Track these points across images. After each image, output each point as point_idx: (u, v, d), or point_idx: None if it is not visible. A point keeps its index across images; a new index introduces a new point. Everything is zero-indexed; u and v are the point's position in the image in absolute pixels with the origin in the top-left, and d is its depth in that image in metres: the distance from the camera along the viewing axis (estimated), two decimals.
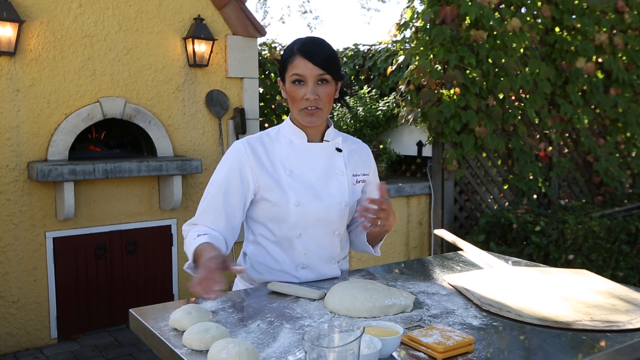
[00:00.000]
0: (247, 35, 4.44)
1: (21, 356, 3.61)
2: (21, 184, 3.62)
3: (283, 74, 1.71)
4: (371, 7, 19.35)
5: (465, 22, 4.67)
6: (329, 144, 1.78)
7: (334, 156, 1.79)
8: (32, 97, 3.64)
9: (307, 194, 1.72)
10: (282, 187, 1.71)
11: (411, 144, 5.29)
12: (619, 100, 5.64)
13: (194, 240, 1.67)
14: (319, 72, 1.65)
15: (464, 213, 5.02)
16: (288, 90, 1.69)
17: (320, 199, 1.73)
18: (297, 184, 1.72)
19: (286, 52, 1.70)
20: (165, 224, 4.16)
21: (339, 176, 1.78)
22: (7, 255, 3.61)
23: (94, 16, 3.82)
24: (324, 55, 1.66)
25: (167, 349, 1.29)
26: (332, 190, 1.76)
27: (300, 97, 1.67)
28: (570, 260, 4.27)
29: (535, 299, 1.57)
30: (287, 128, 1.78)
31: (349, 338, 1.04)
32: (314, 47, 1.67)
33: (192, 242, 1.67)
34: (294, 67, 1.66)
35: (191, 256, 1.64)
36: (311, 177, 1.75)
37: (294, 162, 1.75)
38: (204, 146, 4.32)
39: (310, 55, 1.65)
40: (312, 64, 1.64)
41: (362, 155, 1.88)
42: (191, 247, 1.66)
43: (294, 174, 1.73)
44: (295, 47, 1.67)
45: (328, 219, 1.75)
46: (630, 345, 1.30)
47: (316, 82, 1.66)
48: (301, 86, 1.66)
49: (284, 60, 1.69)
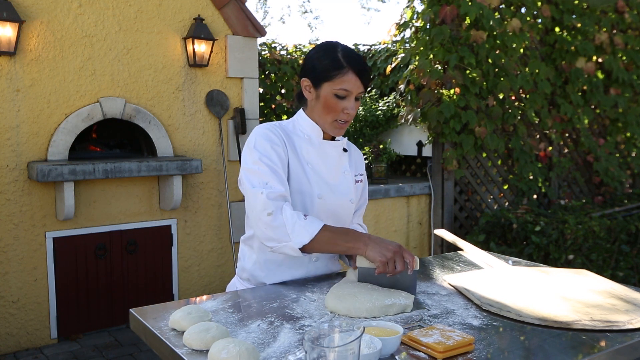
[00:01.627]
0: (247, 35, 4.44)
1: (21, 356, 3.61)
2: (21, 184, 3.62)
3: (323, 81, 1.69)
4: (371, 7, 19.36)
5: (465, 22, 4.67)
6: (339, 143, 1.83)
7: (342, 155, 1.84)
8: (32, 97, 3.64)
9: (326, 188, 1.76)
10: (307, 178, 1.74)
11: (411, 144, 5.29)
12: (619, 100, 5.64)
13: (308, 218, 1.60)
14: (363, 89, 1.70)
15: (464, 213, 5.02)
16: (326, 99, 1.69)
17: (334, 194, 1.78)
18: (318, 177, 1.76)
19: (331, 60, 1.67)
20: (165, 224, 4.16)
21: (346, 175, 1.83)
22: (7, 255, 3.61)
23: (94, 16, 3.82)
24: (369, 73, 1.73)
25: (168, 348, 1.29)
26: (342, 187, 1.81)
27: (339, 110, 1.70)
28: (570, 260, 4.27)
29: (535, 299, 1.57)
30: (302, 123, 1.79)
31: (349, 338, 1.04)
32: (363, 63, 1.70)
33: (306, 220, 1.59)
34: (344, 82, 1.66)
35: (313, 235, 1.58)
36: (326, 172, 1.79)
37: (313, 156, 1.77)
38: (204, 146, 4.32)
39: (362, 75, 1.68)
40: (361, 83, 1.68)
41: (358, 157, 1.95)
42: (313, 225, 1.58)
43: (314, 168, 1.77)
44: (346, 60, 1.67)
45: (340, 214, 1.80)
46: (630, 345, 1.30)
47: (355, 97, 1.71)
48: (343, 100, 1.69)
49: (330, 69, 1.67)
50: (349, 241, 1.60)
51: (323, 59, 1.70)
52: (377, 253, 1.55)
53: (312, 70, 1.72)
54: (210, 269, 4.38)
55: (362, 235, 1.61)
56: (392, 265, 1.54)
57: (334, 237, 1.60)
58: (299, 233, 1.58)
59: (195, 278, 4.33)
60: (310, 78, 1.72)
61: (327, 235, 1.60)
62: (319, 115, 1.74)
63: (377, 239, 1.60)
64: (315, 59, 1.72)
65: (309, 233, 1.58)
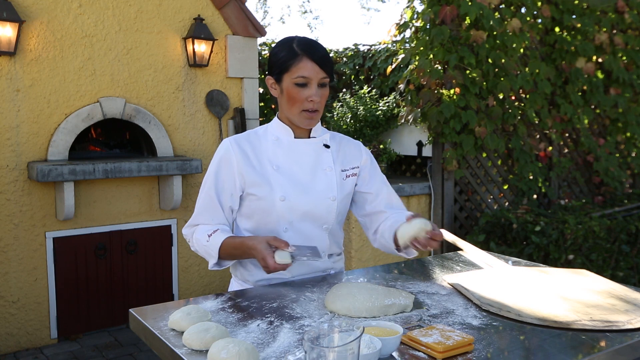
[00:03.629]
0: (247, 35, 4.44)
1: (21, 356, 3.61)
2: (21, 184, 3.62)
3: (282, 74, 1.68)
4: (371, 7, 19.33)
5: (465, 22, 4.67)
6: (316, 140, 1.80)
7: (322, 152, 1.80)
8: (32, 97, 3.64)
9: (293, 188, 1.73)
10: (268, 182, 1.73)
11: (411, 144, 5.29)
12: (619, 100, 5.64)
13: (211, 238, 1.72)
14: (323, 75, 1.67)
15: (464, 213, 5.02)
16: (288, 91, 1.68)
17: (307, 193, 1.74)
18: (283, 178, 1.73)
19: (286, 52, 1.67)
20: (165, 224, 4.16)
21: (327, 171, 1.79)
22: (7, 255, 3.61)
23: (94, 16, 3.82)
24: (327, 58, 1.68)
25: (167, 348, 1.29)
26: (319, 185, 1.77)
27: (303, 99, 1.67)
28: (570, 260, 4.27)
29: (535, 299, 1.57)
30: (274, 125, 1.79)
31: (348, 338, 1.04)
32: (319, 49, 1.68)
33: (209, 241, 1.72)
34: (299, 69, 1.65)
35: (216, 253, 1.70)
36: (298, 172, 1.76)
37: (281, 157, 1.76)
38: (204, 146, 4.32)
39: (317, 58, 1.65)
40: (319, 67, 1.65)
41: (350, 150, 1.88)
42: (213, 245, 1.71)
43: (281, 169, 1.74)
44: (300, 48, 1.66)
45: (316, 213, 1.76)
46: (630, 345, 1.30)
47: (318, 84, 1.67)
48: (304, 88, 1.66)
49: (286, 60, 1.67)
50: (243, 254, 1.68)
51: (280, 52, 1.69)
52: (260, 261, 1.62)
53: (272, 66, 1.72)
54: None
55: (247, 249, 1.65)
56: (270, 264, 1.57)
57: (232, 252, 1.71)
58: (207, 255, 1.76)
59: (195, 278, 4.33)
60: (273, 74, 1.72)
61: (228, 251, 1.71)
62: (287, 110, 1.72)
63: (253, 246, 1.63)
64: (273, 55, 1.72)
65: (213, 254, 1.74)
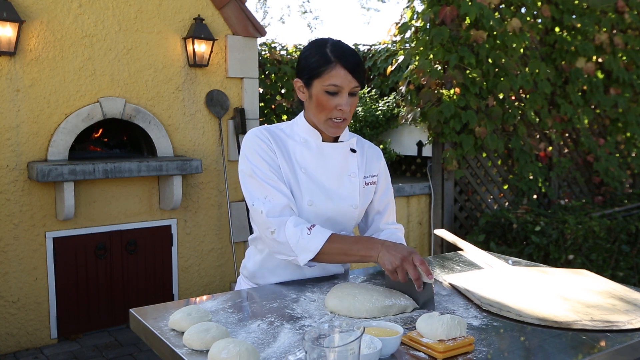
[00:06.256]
0: (247, 35, 4.44)
1: (21, 356, 3.61)
2: (21, 184, 3.62)
3: (312, 79, 1.63)
4: (371, 7, 19.35)
5: (465, 22, 4.67)
6: (344, 144, 1.76)
7: (348, 157, 1.77)
8: (32, 97, 3.64)
9: (319, 193, 1.70)
10: (298, 184, 1.69)
11: (411, 144, 5.29)
12: (619, 100, 5.64)
13: (313, 231, 1.58)
14: (355, 84, 1.62)
15: (464, 213, 5.02)
16: (318, 98, 1.63)
17: (331, 200, 1.71)
18: (311, 182, 1.70)
19: (319, 57, 1.62)
20: (165, 224, 4.16)
21: (352, 177, 1.76)
22: (7, 255, 3.61)
23: (94, 16, 3.82)
24: (361, 66, 1.63)
25: (168, 348, 1.29)
26: (344, 191, 1.74)
27: (332, 107, 1.62)
28: (570, 260, 4.27)
29: (535, 299, 1.57)
30: (301, 126, 1.74)
31: (349, 338, 1.04)
32: (353, 57, 1.62)
33: (311, 234, 1.58)
34: (332, 77, 1.59)
35: (318, 248, 1.57)
36: (324, 177, 1.72)
37: (309, 161, 1.72)
38: (204, 146, 4.32)
39: (351, 67, 1.60)
40: (352, 76, 1.60)
41: (372, 157, 1.85)
42: (315, 239, 1.58)
43: (309, 172, 1.71)
44: (334, 55, 1.60)
45: (337, 219, 1.74)
46: (630, 345, 1.30)
47: (348, 93, 1.63)
48: (335, 96, 1.61)
49: (318, 65, 1.61)
50: (360, 250, 1.57)
51: (312, 56, 1.64)
52: (386, 260, 1.51)
53: (302, 69, 1.67)
54: (210, 269, 4.38)
55: (374, 243, 1.56)
56: (402, 273, 1.49)
57: (343, 248, 1.58)
58: (302, 250, 1.58)
59: (195, 278, 4.33)
60: (302, 78, 1.67)
61: (336, 247, 1.58)
62: (313, 115, 1.67)
63: (391, 245, 1.54)
64: (304, 58, 1.66)
65: (312, 249, 1.57)
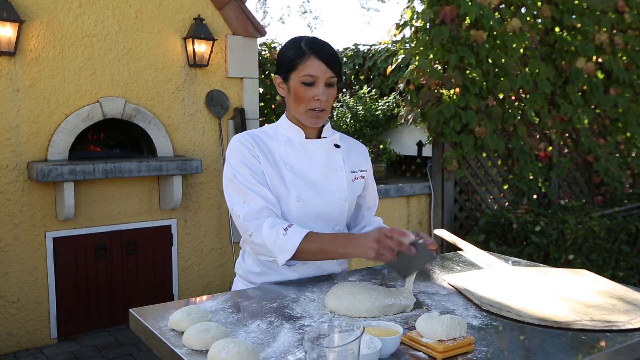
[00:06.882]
0: (247, 35, 4.44)
1: (21, 356, 3.61)
2: (21, 184, 3.62)
3: (289, 72, 1.69)
4: (371, 7, 19.36)
5: (465, 22, 4.67)
6: (327, 140, 1.80)
7: (332, 152, 1.80)
8: (32, 97, 3.64)
9: (307, 189, 1.73)
10: (284, 181, 1.71)
11: (411, 144, 5.29)
12: (619, 100, 5.64)
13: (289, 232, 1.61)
14: (331, 74, 1.67)
15: (464, 213, 5.02)
16: (295, 90, 1.68)
17: (319, 195, 1.74)
18: (297, 179, 1.73)
19: (294, 50, 1.68)
20: (165, 224, 4.16)
21: (338, 172, 1.79)
22: (7, 255, 3.61)
23: (94, 16, 3.82)
24: (335, 58, 1.68)
25: (167, 349, 1.29)
26: (331, 186, 1.77)
27: (309, 98, 1.67)
28: (570, 260, 4.27)
29: (535, 299, 1.57)
30: (284, 126, 1.78)
31: (349, 338, 1.04)
32: (327, 49, 1.68)
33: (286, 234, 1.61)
34: (306, 68, 1.65)
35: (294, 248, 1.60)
36: (310, 173, 1.75)
37: (293, 158, 1.75)
38: (204, 146, 4.32)
39: (325, 57, 1.66)
40: (326, 66, 1.65)
41: (359, 152, 1.89)
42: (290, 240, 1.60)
43: (294, 169, 1.74)
44: (307, 47, 1.66)
45: (328, 215, 1.76)
46: (630, 345, 1.30)
47: (325, 84, 1.67)
48: (311, 87, 1.66)
49: (293, 58, 1.67)
50: (338, 248, 1.61)
51: (288, 51, 1.70)
52: (364, 252, 1.55)
53: (280, 64, 1.72)
54: (210, 269, 4.38)
55: (350, 240, 1.60)
56: (386, 251, 1.52)
57: (320, 247, 1.62)
58: (279, 250, 1.62)
59: (195, 278, 4.33)
60: (280, 73, 1.72)
61: (314, 246, 1.61)
62: (293, 109, 1.71)
63: (360, 236, 1.58)
64: (282, 54, 1.72)
65: (288, 249, 1.61)
